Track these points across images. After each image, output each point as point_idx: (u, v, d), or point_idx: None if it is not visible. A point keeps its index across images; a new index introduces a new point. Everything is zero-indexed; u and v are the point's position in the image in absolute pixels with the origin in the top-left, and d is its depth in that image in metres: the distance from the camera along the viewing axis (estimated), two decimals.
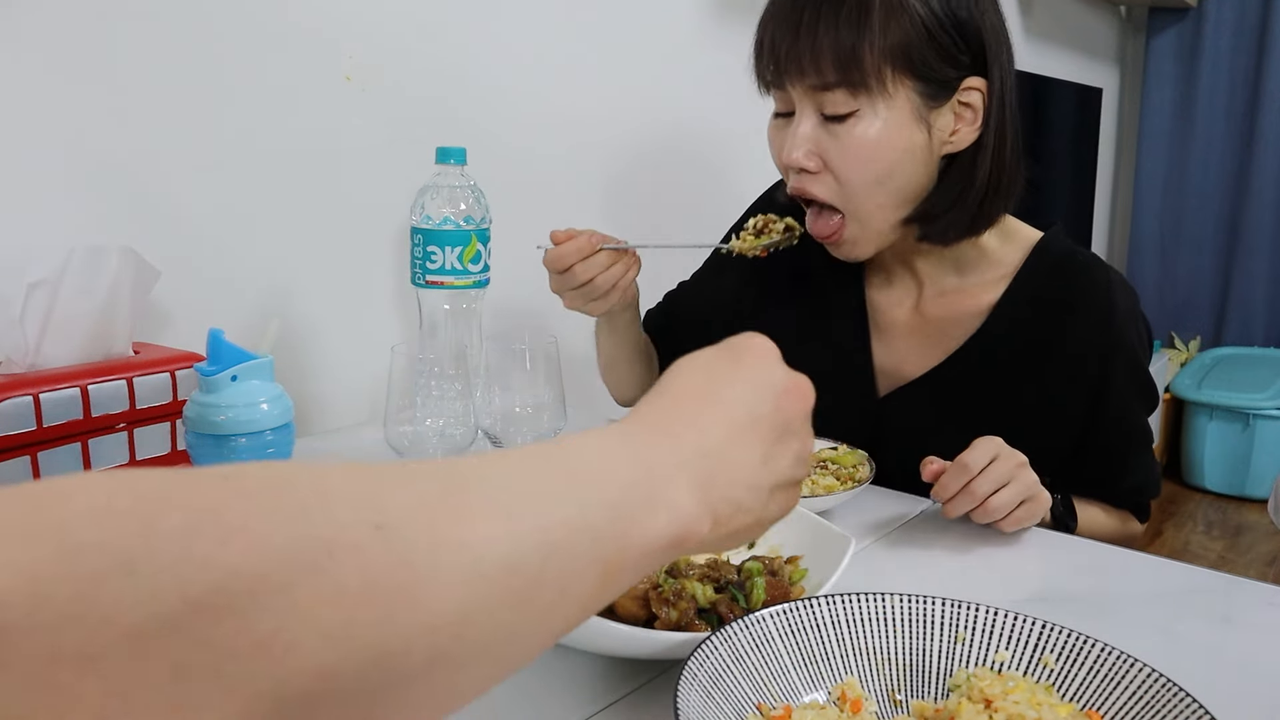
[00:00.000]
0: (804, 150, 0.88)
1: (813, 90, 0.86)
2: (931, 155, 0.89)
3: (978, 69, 0.87)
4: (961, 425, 0.86)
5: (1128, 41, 3.58)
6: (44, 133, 0.89)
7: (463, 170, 0.95)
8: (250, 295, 1.07)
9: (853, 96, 0.85)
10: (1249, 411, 3.08)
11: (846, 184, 0.88)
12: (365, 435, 1.07)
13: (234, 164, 1.03)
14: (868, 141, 0.86)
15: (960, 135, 0.89)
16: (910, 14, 0.83)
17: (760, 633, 0.53)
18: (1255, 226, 3.34)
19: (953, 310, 0.98)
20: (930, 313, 0.99)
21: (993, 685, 0.51)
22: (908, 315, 1.01)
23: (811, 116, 0.88)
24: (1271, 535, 2.89)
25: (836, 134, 0.87)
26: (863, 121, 0.85)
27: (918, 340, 0.99)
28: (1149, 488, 1.00)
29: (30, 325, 0.74)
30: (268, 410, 0.66)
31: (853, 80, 0.84)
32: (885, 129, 0.85)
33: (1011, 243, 0.98)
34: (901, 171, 0.88)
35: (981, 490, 0.77)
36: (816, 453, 0.93)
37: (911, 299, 1.01)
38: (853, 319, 1.02)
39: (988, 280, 0.97)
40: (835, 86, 0.84)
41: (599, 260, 0.95)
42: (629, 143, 1.54)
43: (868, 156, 0.86)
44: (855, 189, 0.88)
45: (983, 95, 0.88)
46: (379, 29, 1.15)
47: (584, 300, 0.98)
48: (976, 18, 0.86)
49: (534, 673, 0.59)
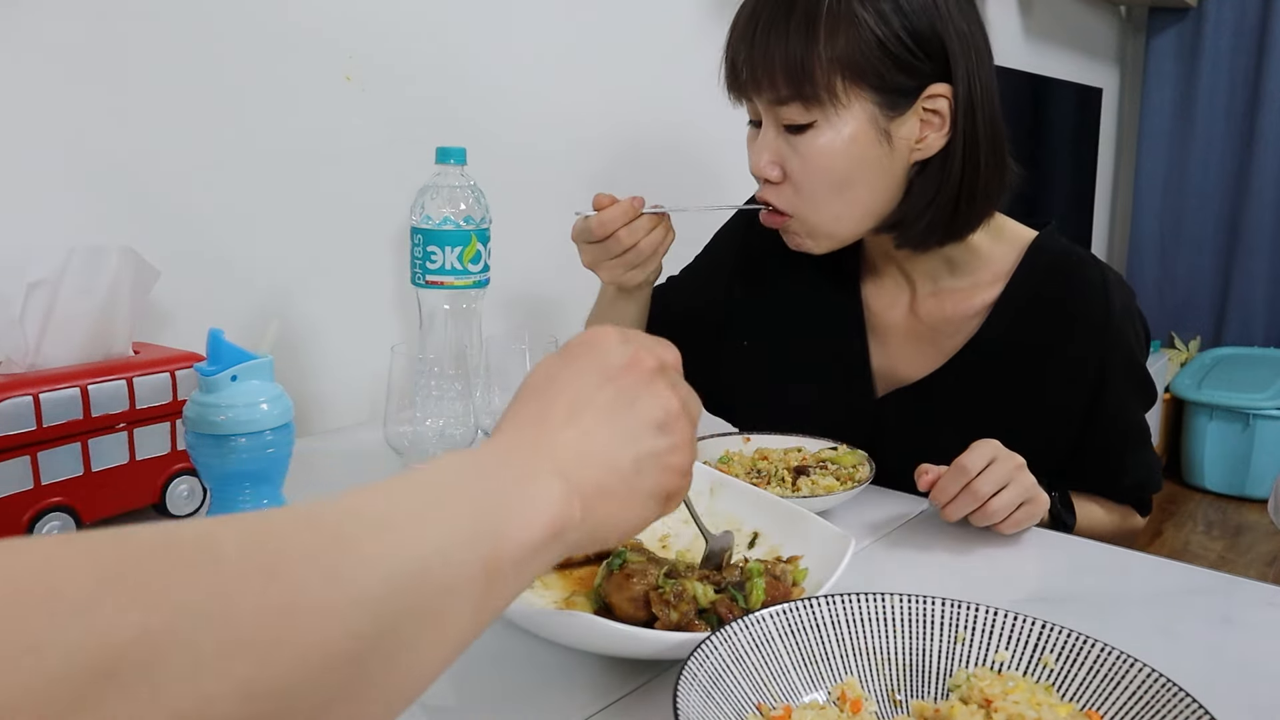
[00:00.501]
0: (766, 159, 0.89)
1: (771, 104, 0.87)
2: (895, 163, 0.88)
3: (942, 76, 0.86)
4: (960, 427, 0.86)
5: (1128, 41, 3.58)
6: (44, 133, 0.89)
7: (463, 170, 0.95)
8: (250, 295, 1.07)
9: (807, 109, 0.85)
10: (1249, 411, 3.08)
11: (802, 192, 0.89)
12: (365, 435, 1.07)
13: (234, 164, 1.03)
14: (824, 152, 0.86)
15: (928, 142, 0.88)
16: (859, 26, 0.83)
17: (760, 633, 0.53)
18: (1255, 226, 3.34)
19: (947, 312, 0.98)
20: (925, 314, 0.99)
21: (993, 685, 0.51)
22: (903, 317, 1.00)
23: (773, 127, 0.89)
24: (1271, 535, 2.89)
25: (795, 145, 0.88)
26: (820, 133, 0.86)
27: (914, 344, 0.99)
28: (1150, 483, 1.00)
29: (30, 325, 0.74)
30: (268, 410, 0.66)
31: (805, 93, 0.84)
32: (841, 139, 0.86)
33: (1004, 242, 0.97)
34: (861, 180, 0.88)
35: (983, 491, 0.77)
36: (816, 453, 0.93)
37: (905, 299, 1.01)
38: (848, 318, 1.02)
39: (981, 281, 0.97)
40: (790, 100, 0.85)
41: (642, 224, 0.93)
42: (629, 143, 1.54)
43: (825, 166, 0.87)
44: (810, 198, 0.89)
45: (949, 101, 0.87)
46: (379, 29, 1.15)
47: (625, 268, 0.95)
48: (939, 26, 0.85)
49: (534, 673, 0.59)
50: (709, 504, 0.78)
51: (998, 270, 0.96)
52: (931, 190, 0.89)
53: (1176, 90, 3.49)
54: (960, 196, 0.90)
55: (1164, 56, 3.49)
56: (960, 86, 0.86)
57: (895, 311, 1.01)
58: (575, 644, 0.58)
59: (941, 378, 0.96)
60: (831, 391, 1.02)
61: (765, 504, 0.75)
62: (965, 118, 0.87)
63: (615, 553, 0.64)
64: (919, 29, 0.84)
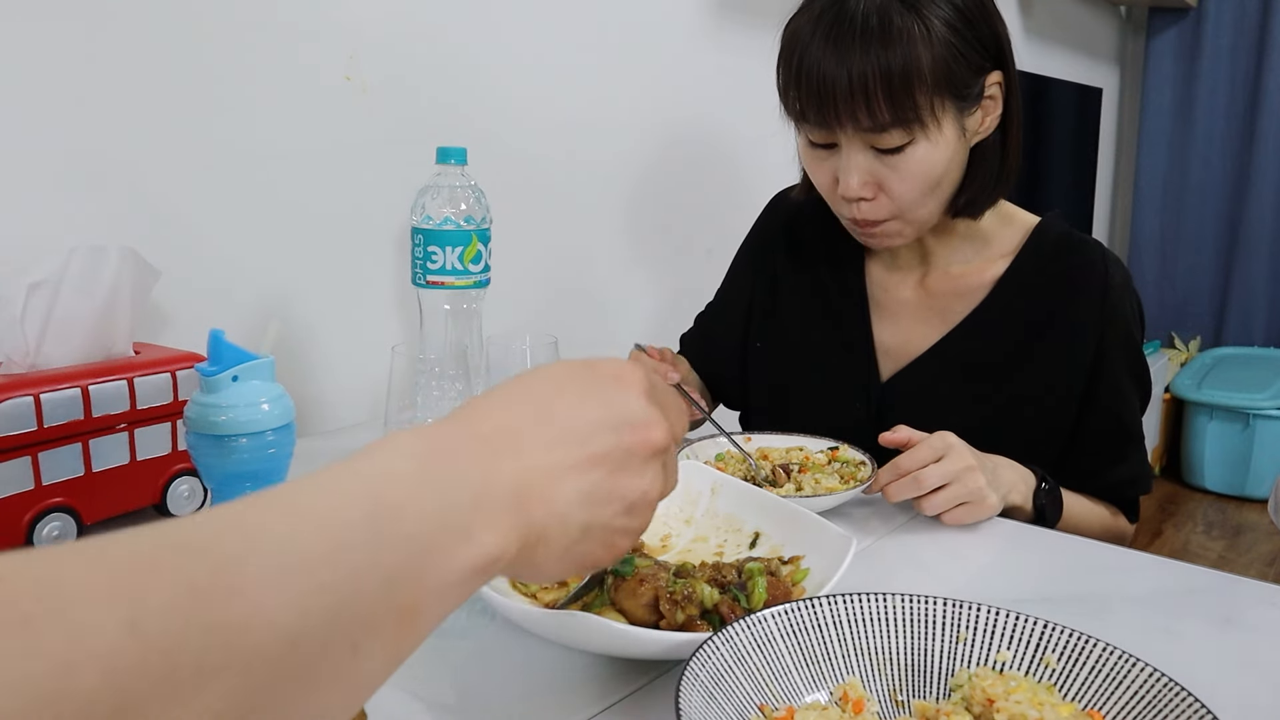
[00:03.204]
0: (858, 182, 0.90)
1: (866, 131, 0.87)
2: (966, 150, 0.93)
3: (996, 63, 0.91)
4: (965, 404, 0.92)
5: (1128, 41, 3.58)
6: (44, 133, 0.89)
7: (463, 170, 0.95)
8: (251, 295, 1.07)
9: (907, 132, 0.87)
10: (1249, 411, 3.08)
11: (900, 201, 0.91)
12: (366, 435, 1.07)
13: (234, 164, 1.03)
14: (923, 164, 0.89)
15: (987, 124, 0.93)
16: (939, 44, 0.85)
17: (762, 633, 0.53)
18: (1255, 226, 3.34)
19: (956, 286, 1.01)
20: (934, 289, 1.02)
21: (994, 685, 0.51)
22: (912, 292, 1.04)
23: (863, 150, 0.89)
24: (1271, 535, 2.89)
25: (891, 164, 0.89)
26: (917, 148, 0.88)
27: (922, 315, 1.02)
28: (1140, 481, 1.01)
29: (31, 325, 0.73)
30: (269, 410, 0.66)
31: (907, 120, 0.86)
32: (937, 152, 0.89)
33: (1011, 226, 1.02)
34: (948, 176, 0.92)
35: (926, 483, 0.80)
36: (823, 452, 0.93)
37: (916, 277, 1.04)
38: (854, 299, 1.05)
39: (990, 257, 1.01)
40: (890, 127, 0.86)
41: None
42: (629, 142, 1.54)
43: (923, 176, 0.89)
44: (909, 205, 0.92)
45: (1000, 85, 0.92)
46: (379, 29, 1.15)
47: None
48: (986, 17, 0.90)
49: (535, 673, 0.59)
50: (709, 504, 0.78)
51: (1005, 248, 1.01)
52: (996, 166, 0.95)
53: (1176, 90, 3.49)
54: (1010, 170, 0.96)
55: (1164, 56, 3.49)
56: (1009, 68, 0.92)
57: (905, 288, 1.04)
58: (576, 645, 0.58)
59: (945, 347, 0.99)
60: (838, 377, 1.03)
61: (766, 504, 0.75)
62: (1011, 96, 0.93)
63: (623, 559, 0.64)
64: (978, 26, 0.88)
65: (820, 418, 1.00)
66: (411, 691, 0.56)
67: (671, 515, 0.77)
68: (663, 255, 1.64)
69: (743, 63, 1.64)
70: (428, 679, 0.58)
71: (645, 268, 1.60)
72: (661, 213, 1.61)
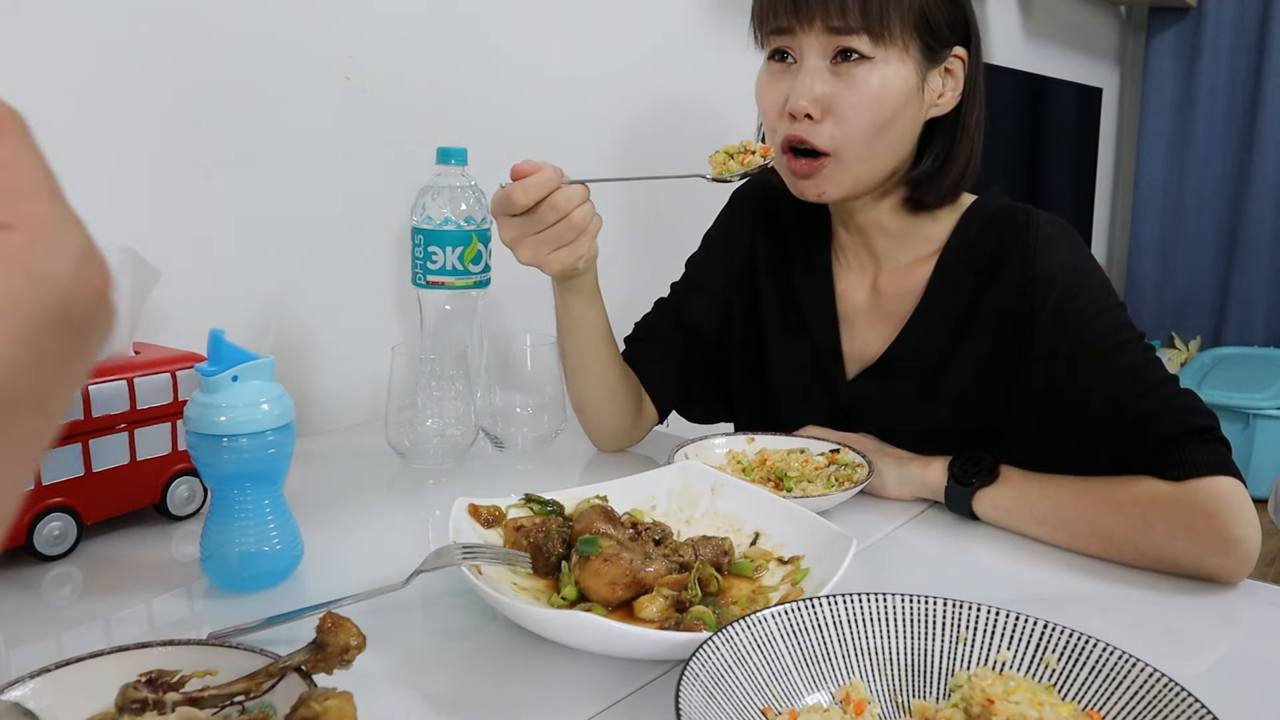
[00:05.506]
0: (810, 97, 0.87)
1: (833, 32, 0.86)
2: (918, 116, 0.92)
3: (963, 40, 0.92)
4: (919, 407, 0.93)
5: (1128, 41, 3.58)
6: (43, 133, 0.89)
7: (463, 170, 0.95)
8: (251, 295, 1.07)
9: (873, 42, 0.86)
10: (1249, 411, 3.08)
11: (845, 126, 0.88)
12: (366, 435, 1.07)
13: (235, 164, 1.03)
14: (875, 89, 0.87)
15: (944, 100, 0.93)
16: None
17: (762, 633, 0.53)
18: (1255, 226, 3.34)
19: (900, 286, 0.99)
20: (884, 289, 1.01)
21: (994, 685, 0.51)
22: (866, 296, 1.02)
23: (820, 61, 0.88)
24: (1271, 535, 2.89)
25: (847, 80, 0.87)
26: (876, 69, 0.86)
27: (875, 320, 1.01)
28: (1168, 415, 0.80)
29: None
30: (269, 410, 0.66)
31: (874, 28, 0.85)
32: (895, 79, 0.87)
33: (950, 212, 0.98)
34: (898, 123, 0.89)
35: None
36: (822, 453, 0.93)
37: (869, 278, 1.02)
38: (821, 303, 1.04)
39: (926, 254, 0.98)
40: (858, 30, 0.85)
41: (575, 193, 0.85)
42: (630, 142, 1.54)
43: (875, 102, 0.87)
44: (853, 134, 0.88)
45: (964, 64, 0.92)
46: (378, 29, 1.15)
47: (551, 246, 0.86)
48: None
49: (536, 673, 0.59)
50: (709, 504, 0.78)
51: (940, 239, 0.97)
52: (947, 145, 0.94)
53: (1176, 90, 3.49)
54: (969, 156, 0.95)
55: (1164, 56, 3.49)
56: (973, 51, 0.93)
57: (860, 292, 1.02)
58: (577, 645, 0.58)
59: (895, 350, 0.98)
60: (812, 380, 1.03)
61: (766, 504, 0.75)
62: (972, 81, 0.93)
63: (585, 540, 0.65)
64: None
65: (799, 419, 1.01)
66: (412, 690, 0.57)
67: (672, 515, 0.77)
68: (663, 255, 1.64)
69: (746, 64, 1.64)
70: (428, 678, 0.58)
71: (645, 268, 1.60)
72: (662, 213, 1.61)
